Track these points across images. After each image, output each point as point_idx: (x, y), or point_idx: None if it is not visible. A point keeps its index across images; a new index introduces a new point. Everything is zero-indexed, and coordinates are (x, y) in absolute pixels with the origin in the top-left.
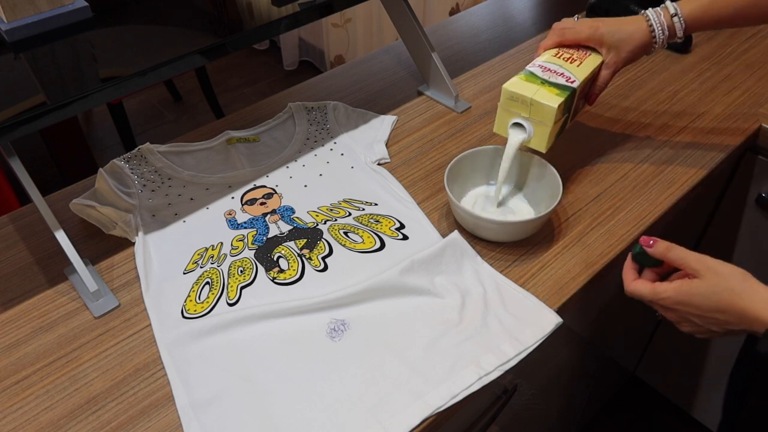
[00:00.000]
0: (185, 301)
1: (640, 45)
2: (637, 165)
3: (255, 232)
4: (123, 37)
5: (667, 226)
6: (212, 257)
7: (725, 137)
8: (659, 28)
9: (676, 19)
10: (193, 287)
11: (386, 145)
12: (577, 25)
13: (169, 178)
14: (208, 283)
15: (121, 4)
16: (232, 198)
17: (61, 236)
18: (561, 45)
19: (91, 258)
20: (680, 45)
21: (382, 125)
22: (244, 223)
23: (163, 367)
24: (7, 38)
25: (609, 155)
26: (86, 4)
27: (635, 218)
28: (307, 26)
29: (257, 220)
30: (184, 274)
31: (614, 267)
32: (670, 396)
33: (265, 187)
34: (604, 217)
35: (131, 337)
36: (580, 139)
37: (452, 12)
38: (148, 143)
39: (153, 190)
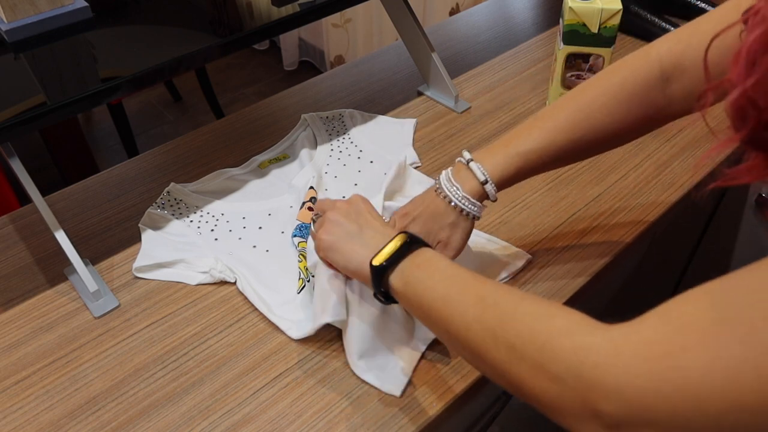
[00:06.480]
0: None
1: (465, 228)
2: (637, 165)
3: (305, 244)
4: (123, 37)
5: (667, 227)
6: (307, 269)
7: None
8: (468, 205)
9: (488, 186)
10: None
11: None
12: None
13: (222, 214)
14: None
15: (121, 4)
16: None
17: (61, 236)
18: None
19: (91, 258)
20: None
21: (404, 129)
22: (294, 230)
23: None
24: (7, 38)
25: (609, 155)
26: (86, 4)
27: (635, 218)
28: (307, 26)
29: (305, 228)
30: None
31: (614, 267)
32: None
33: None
34: (604, 217)
35: (131, 337)
36: None
37: (452, 12)
38: (173, 183)
39: (212, 230)
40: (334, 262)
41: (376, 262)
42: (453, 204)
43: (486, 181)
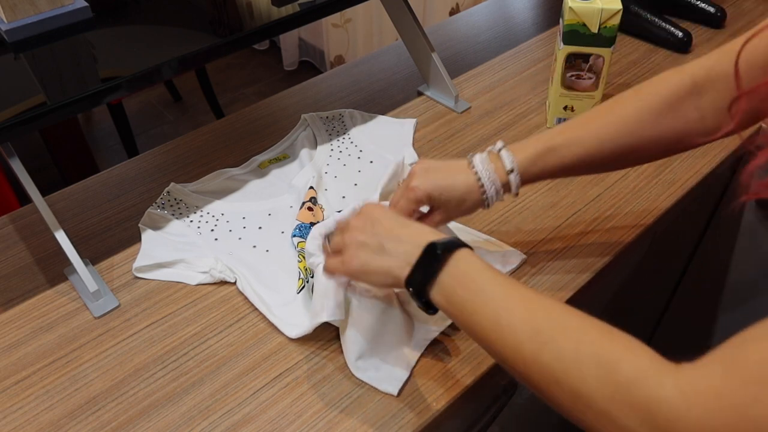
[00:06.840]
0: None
1: (469, 207)
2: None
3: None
4: (123, 37)
5: (667, 226)
6: (306, 269)
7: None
8: (492, 189)
9: (512, 176)
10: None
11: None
12: (405, 193)
13: (222, 214)
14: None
15: (121, 4)
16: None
17: (61, 236)
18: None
19: (91, 258)
20: (680, 44)
21: (404, 128)
22: (294, 230)
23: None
24: (7, 38)
25: None
26: (86, 4)
27: (635, 218)
28: (307, 26)
29: (304, 228)
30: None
31: (614, 267)
32: None
33: (311, 189)
34: (604, 217)
35: (131, 338)
36: None
37: (452, 12)
38: (173, 183)
39: (212, 230)
40: (372, 285)
41: (409, 278)
42: (480, 182)
43: (512, 171)
